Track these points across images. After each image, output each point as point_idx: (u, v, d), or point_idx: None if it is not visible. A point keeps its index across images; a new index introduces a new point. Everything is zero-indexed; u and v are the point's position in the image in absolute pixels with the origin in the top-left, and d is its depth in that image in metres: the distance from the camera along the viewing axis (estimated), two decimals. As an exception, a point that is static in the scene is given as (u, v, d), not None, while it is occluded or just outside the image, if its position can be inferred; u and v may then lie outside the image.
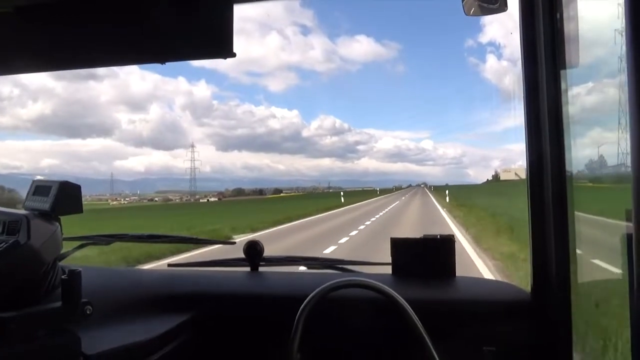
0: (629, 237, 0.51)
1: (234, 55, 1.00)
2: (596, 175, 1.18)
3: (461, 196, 33.76)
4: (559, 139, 1.00)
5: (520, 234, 8.77)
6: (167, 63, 1.06)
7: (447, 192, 34.02)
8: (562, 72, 1.00)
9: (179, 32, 1.03)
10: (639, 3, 0.48)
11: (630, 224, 0.50)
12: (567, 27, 0.99)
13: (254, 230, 13.91)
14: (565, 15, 0.99)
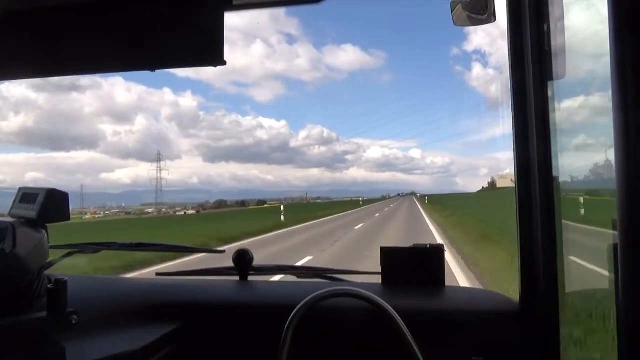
0: (615, 246, 0.54)
1: (224, 63, 1.02)
2: (584, 183, 1.23)
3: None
4: (546, 147, 1.05)
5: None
6: (152, 74, 1.09)
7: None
8: (549, 82, 1.05)
9: (169, 39, 1.05)
10: (622, 16, 0.51)
11: (617, 233, 0.52)
12: (554, 39, 1.04)
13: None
14: (552, 27, 1.04)
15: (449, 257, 9.67)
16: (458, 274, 7.81)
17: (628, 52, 0.51)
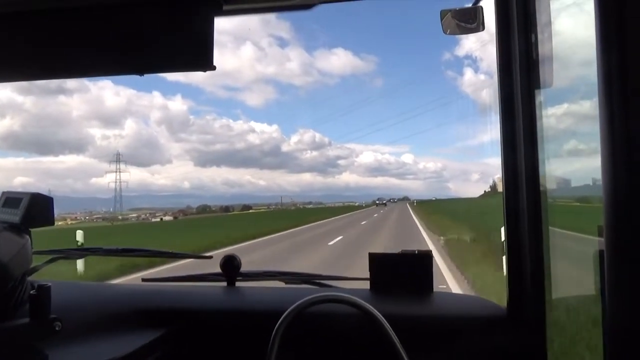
0: (600, 252, 0.56)
1: (213, 68, 1.04)
2: (571, 190, 1.27)
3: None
4: (533, 154, 1.08)
5: None
6: (142, 77, 1.10)
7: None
8: (536, 90, 1.09)
9: (158, 44, 1.07)
10: (609, 25, 0.54)
11: (602, 239, 0.55)
12: (542, 48, 1.08)
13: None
14: (540, 36, 1.08)
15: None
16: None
17: (614, 61, 0.53)
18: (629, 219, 0.52)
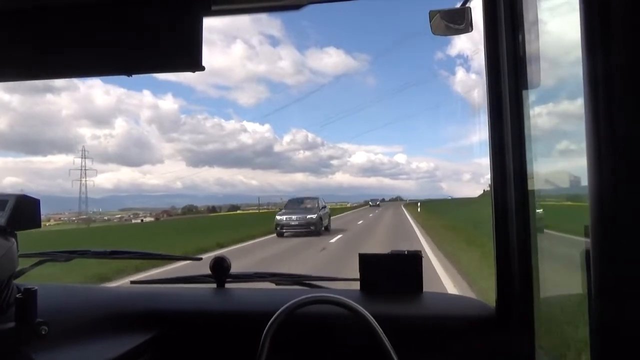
0: (587, 253, 0.56)
1: (202, 68, 1.05)
2: (558, 190, 1.30)
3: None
4: (521, 154, 1.11)
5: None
6: (133, 76, 1.11)
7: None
8: (524, 91, 1.11)
9: (146, 44, 1.08)
10: (592, 25, 0.54)
11: (589, 240, 0.55)
12: (529, 49, 1.10)
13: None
14: (527, 37, 1.11)
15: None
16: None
17: (599, 61, 0.54)
18: (615, 219, 0.52)
